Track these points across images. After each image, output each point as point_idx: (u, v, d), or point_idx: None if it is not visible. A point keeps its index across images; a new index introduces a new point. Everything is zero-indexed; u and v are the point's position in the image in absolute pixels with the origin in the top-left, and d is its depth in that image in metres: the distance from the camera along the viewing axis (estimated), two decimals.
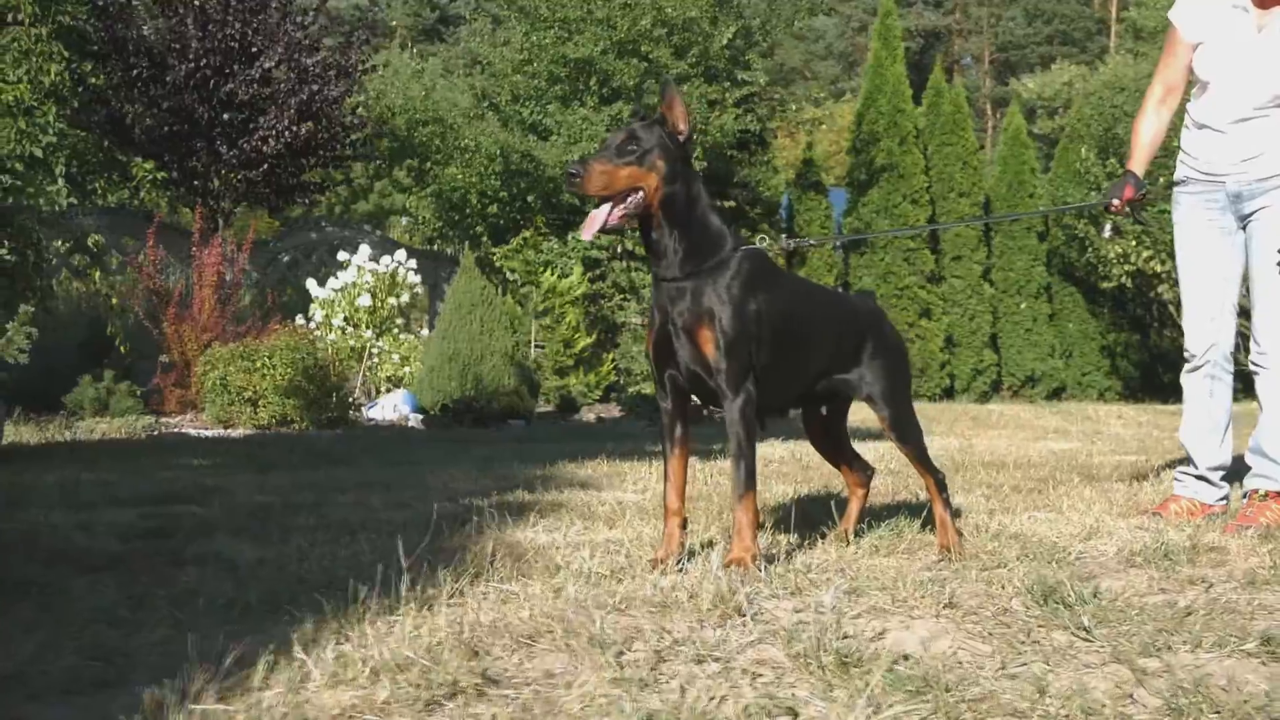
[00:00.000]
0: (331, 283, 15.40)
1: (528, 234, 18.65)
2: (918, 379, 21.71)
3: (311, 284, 15.54)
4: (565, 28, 19.01)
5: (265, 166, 15.90)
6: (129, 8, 15.56)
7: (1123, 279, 22.06)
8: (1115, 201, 5.51)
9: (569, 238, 18.07)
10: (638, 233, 4.07)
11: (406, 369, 14.41)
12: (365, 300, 15.08)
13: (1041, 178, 23.90)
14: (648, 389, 14.93)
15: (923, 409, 17.56)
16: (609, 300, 18.62)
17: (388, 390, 14.18)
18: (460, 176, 19.04)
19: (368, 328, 15.03)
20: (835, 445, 4.71)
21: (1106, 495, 6.11)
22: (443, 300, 14.96)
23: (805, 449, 5.94)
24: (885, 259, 21.74)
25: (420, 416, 12.41)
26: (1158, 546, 4.34)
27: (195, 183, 15.98)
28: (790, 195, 22.25)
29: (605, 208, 3.81)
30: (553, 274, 17.43)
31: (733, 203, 19.74)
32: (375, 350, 14.74)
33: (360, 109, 18.41)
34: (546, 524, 4.79)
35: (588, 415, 14.89)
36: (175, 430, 10.65)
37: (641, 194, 3.82)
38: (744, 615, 3.28)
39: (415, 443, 9.36)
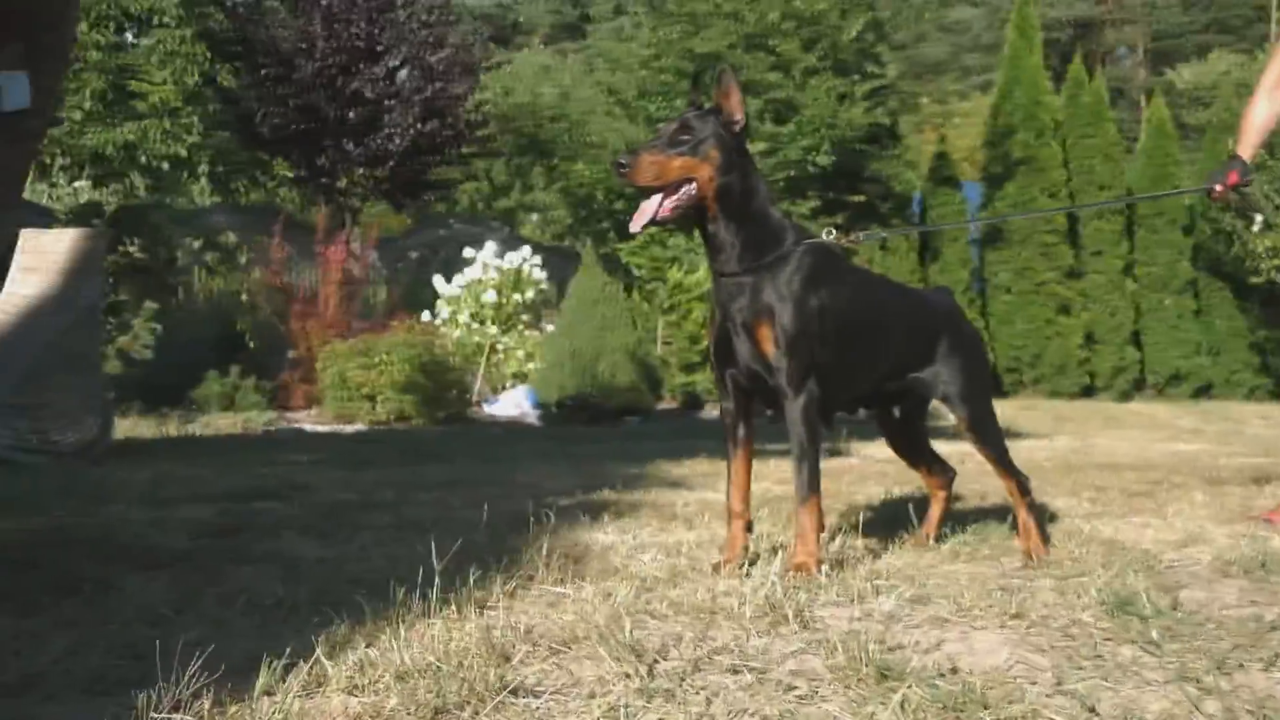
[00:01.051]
0: (457, 279, 15.48)
1: (654, 229, 18.59)
2: (1057, 376, 21.27)
3: (438, 280, 15.63)
4: (693, 22, 18.92)
5: (391, 164, 16.04)
6: (259, 8, 15.81)
7: (1273, 274, 21.37)
8: (1218, 187, 5.24)
9: (694, 232, 17.88)
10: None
11: (531, 365, 14.42)
12: (490, 296, 15.13)
13: (1188, 169, 23.21)
14: None
15: (1058, 407, 17.28)
16: None
17: (512, 386, 14.19)
18: (587, 173, 19.04)
19: (493, 324, 15.08)
20: (913, 447, 4.56)
21: (1219, 500, 5.87)
22: None
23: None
24: (1022, 254, 21.29)
25: (538, 413, 12.40)
26: (1255, 556, 4.12)
27: (323, 180, 16.17)
28: (923, 189, 21.88)
29: (656, 199, 3.71)
30: (679, 269, 17.33)
31: (862, 197, 19.49)
32: (500, 346, 14.78)
33: (489, 105, 18.50)
34: (620, 524, 4.71)
35: (711, 412, 14.77)
36: (292, 426, 10.77)
37: (694, 185, 3.71)
38: (791, 623, 3.17)
39: (523, 439, 9.35)
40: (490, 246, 15.75)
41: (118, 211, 12.47)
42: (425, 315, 14.85)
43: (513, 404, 12.89)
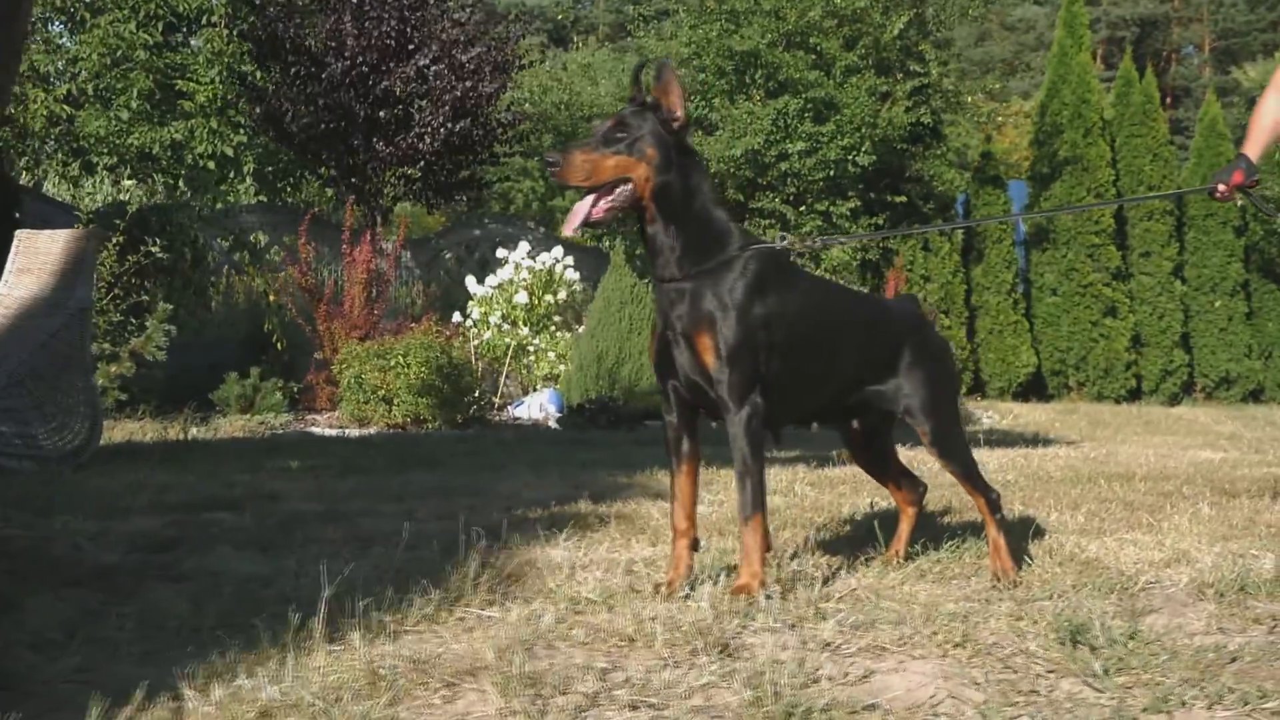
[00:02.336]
0: (490, 280, 15.32)
1: None
2: (1103, 380, 20.90)
3: (470, 281, 15.49)
4: (732, 20, 18.72)
5: (422, 163, 15.92)
6: (289, 6, 15.74)
7: None
8: (1221, 187, 4.98)
9: None
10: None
11: (563, 367, 14.25)
12: (522, 298, 14.97)
13: None
14: None
15: (1098, 412, 16.92)
16: None
17: (543, 389, 14.02)
18: None
19: (524, 325, 14.92)
20: (880, 461, 4.35)
21: (1225, 514, 5.61)
22: None
23: (910, 458, 5.51)
24: (1068, 255, 20.89)
25: (560, 416, 12.23)
26: (1235, 578, 3.90)
27: (353, 180, 16.08)
28: (968, 189, 21.51)
29: (589, 199, 3.55)
30: None
31: (904, 198, 19.22)
32: (531, 348, 14.63)
33: (527, 104, 18.37)
34: (579, 539, 4.53)
35: None
36: (300, 429, 10.64)
37: (631, 185, 3.53)
38: (711, 653, 2.99)
39: (533, 444, 9.14)
40: (523, 247, 15.59)
41: (138, 211, 12.39)
42: (456, 316, 14.70)
43: (538, 407, 12.72)
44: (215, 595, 3.49)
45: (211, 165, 25.15)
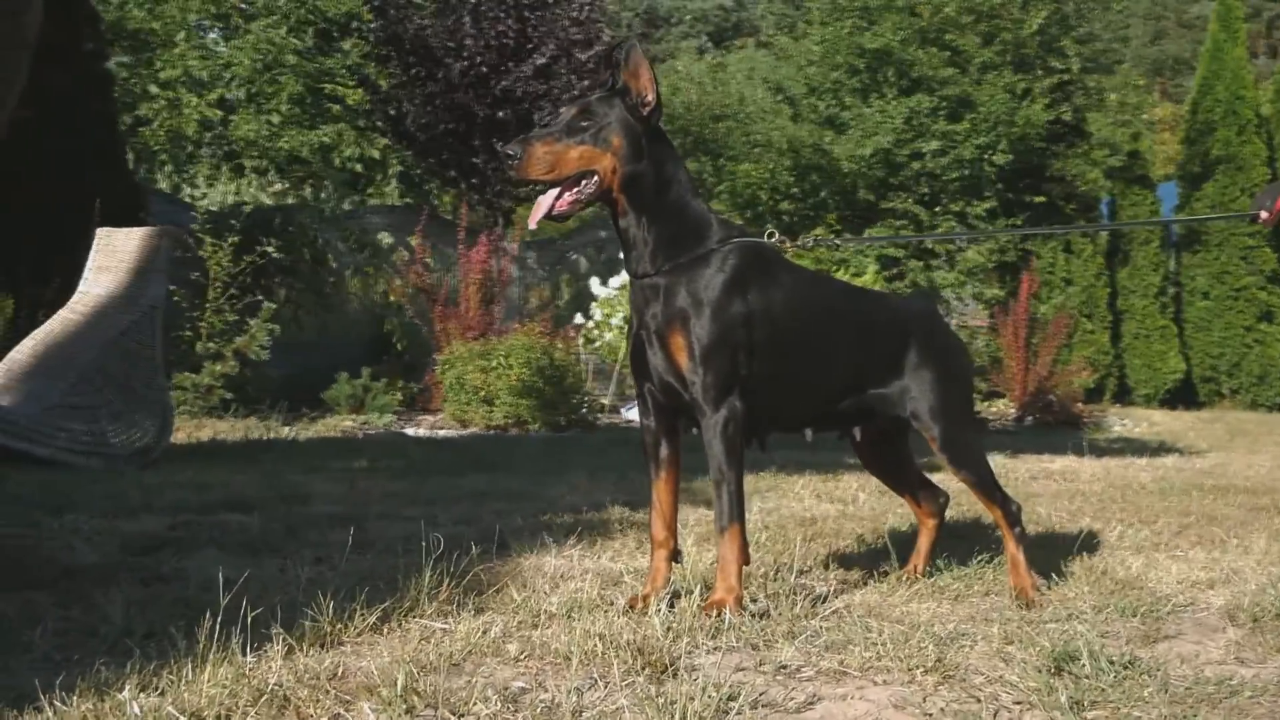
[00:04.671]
0: (613, 281, 15.19)
1: (820, 231, 17.96)
2: (1257, 387, 20.04)
3: (594, 283, 15.37)
4: (864, 17, 18.32)
5: None
6: (408, 7, 15.77)
7: None
8: (1264, 213, 4.53)
9: (864, 233, 17.32)
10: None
11: None
12: None
13: None
14: None
15: (1245, 420, 16.25)
16: None
17: None
18: (753, 173, 18.51)
19: None
20: (896, 471, 4.07)
21: None
22: None
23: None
24: (1220, 257, 20.08)
25: None
26: (1275, 600, 3.56)
27: (474, 180, 16.05)
28: (1114, 190, 20.76)
29: (553, 193, 3.34)
30: (846, 272, 16.73)
31: (1044, 198, 18.61)
32: None
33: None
34: (586, 547, 4.36)
35: None
36: (397, 431, 10.58)
37: (597, 177, 3.31)
38: (643, 675, 2.77)
39: (614, 448, 8.86)
40: None
41: (256, 211, 12.49)
42: (577, 318, 14.60)
43: None
44: (163, 600, 3.36)
45: (359, 168, 25.60)
